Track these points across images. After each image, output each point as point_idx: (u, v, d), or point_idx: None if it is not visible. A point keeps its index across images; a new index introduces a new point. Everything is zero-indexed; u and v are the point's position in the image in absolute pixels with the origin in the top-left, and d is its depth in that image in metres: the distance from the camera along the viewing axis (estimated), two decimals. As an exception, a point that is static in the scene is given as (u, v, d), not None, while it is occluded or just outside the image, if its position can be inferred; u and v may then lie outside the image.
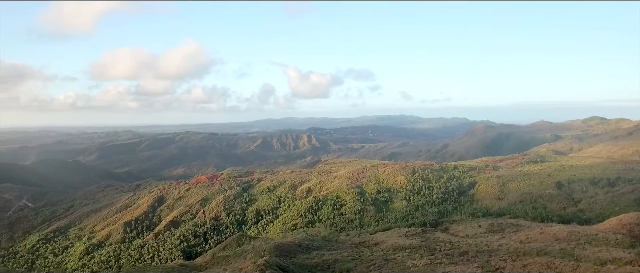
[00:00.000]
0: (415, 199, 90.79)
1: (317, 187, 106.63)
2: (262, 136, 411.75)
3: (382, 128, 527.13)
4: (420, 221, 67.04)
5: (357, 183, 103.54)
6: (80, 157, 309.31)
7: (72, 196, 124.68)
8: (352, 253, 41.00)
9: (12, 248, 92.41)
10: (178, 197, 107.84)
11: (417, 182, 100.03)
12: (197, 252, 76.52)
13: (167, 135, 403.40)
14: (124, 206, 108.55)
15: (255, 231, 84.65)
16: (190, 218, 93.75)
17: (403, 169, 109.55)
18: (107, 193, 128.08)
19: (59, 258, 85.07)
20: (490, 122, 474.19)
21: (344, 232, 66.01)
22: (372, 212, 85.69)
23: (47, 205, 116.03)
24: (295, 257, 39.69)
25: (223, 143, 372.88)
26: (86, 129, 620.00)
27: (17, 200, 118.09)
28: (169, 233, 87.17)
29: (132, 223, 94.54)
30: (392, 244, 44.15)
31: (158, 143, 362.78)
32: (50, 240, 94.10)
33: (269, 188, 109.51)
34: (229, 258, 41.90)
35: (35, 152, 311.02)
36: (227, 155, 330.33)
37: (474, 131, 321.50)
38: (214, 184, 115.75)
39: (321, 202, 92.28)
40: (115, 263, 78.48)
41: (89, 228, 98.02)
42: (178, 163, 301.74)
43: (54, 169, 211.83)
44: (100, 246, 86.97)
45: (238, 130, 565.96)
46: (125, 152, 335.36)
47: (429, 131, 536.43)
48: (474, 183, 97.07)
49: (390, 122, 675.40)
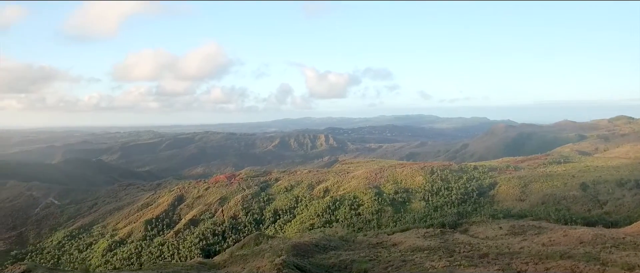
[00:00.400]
0: (433, 200, 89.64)
1: (334, 187, 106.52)
2: (279, 136, 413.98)
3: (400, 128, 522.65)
4: (439, 222, 66.16)
5: (375, 183, 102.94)
6: (104, 156, 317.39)
7: (95, 194, 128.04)
8: (370, 253, 40.75)
9: (39, 244, 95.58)
10: (197, 196, 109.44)
11: (436, 182, 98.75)
12: (216, 250, 77.50)
13: (186, 135, 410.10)
14: (145, 205, 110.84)
15: (273, 231, 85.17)
16: (209, 217, 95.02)
17: (421, 170, 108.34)
18: (129, 191, 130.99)
19: (84, 255, 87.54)
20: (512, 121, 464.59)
21: (362, 232, 65.73)
22: (390, 213, 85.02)
23: (72, 203, 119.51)
24: (313, 257, 39.70)
25: (241, 142, 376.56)
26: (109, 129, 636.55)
27: (44, 198, 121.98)
28: (189, 232, 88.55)
29: (153, 221, 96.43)
30: (410, 245, 43.69)
31: (178, 143, 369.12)
32: (75, 236, 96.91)
33: (287, 188, 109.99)
34: (246, 257, 42.24)
35: (61, 151, 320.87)
36: (245, 155, 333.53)
37: (494, 131, 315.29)
38: (232, 183, 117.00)
39: (338, 202, 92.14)
40: (136, 260, 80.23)
41: (111, 226, 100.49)
42: (197, 162, 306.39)
43: (78, 168, 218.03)
44: (122, 243, 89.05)
45: (256, 130, 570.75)
46: (146, 152, 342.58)
47: (447, 131, 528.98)
48: (495, 184, 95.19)
49: (408, 122, 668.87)
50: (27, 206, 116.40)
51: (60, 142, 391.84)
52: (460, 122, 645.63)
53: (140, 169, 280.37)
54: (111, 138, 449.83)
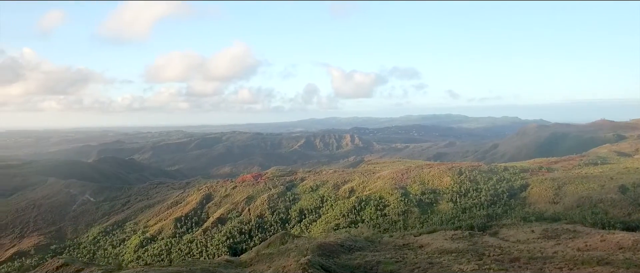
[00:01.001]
0: (462, 201, 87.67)
1: (360, 187, 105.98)
2: (305, 135, 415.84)
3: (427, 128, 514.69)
4: (467, 225, 64.63)
5: (401, 183, 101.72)
6: (136, 155, 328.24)
7: (128, 192, 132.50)
8: (396, 255, 40.28)
9: (76, 239, 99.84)
10: (224, 195, 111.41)
11: (464, 183, 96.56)
12: (243, 248, 78.65)
13: (214, 135, 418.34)
14: (174, 203, 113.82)
15: (298, 230, 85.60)
16: (236, 216, 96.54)
17: (449, 170, 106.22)
18: (159, 189, 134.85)
19: (117, 250, 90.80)
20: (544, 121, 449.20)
21: (387, 233, 65.06)
22: (417, 214, 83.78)
23: (107, 200, 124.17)
24: (338, 257, 39.62)
25: (267, 142, 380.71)
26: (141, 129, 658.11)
27: (81, 195, 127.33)
28: (216, 230, 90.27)
29: (182, 219, 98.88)
30: (438, 247, 42.89)
31: (206, 143, 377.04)
32: (109, 232, 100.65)
33: (312, 188, 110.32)
34: (272, 256, 42.63)
35: (96, 150, 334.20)
36: (271, 154, 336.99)
37: (526, 131, 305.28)
38: (258, 183, 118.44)
39: (364, 202, 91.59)
40: (166, 256, 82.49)
41: (143, 223, 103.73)
42: (225, 161, 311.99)
43: (112, 167, 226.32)
44: (153, 240, 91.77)
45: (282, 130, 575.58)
46: (176, 151, 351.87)
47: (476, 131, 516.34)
48: (526, 186, 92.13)
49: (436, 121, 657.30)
50: (65, 202, 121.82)
51: (96, 141, 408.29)
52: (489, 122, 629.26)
53: (170, 168, 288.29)
54: (143, 137, 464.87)
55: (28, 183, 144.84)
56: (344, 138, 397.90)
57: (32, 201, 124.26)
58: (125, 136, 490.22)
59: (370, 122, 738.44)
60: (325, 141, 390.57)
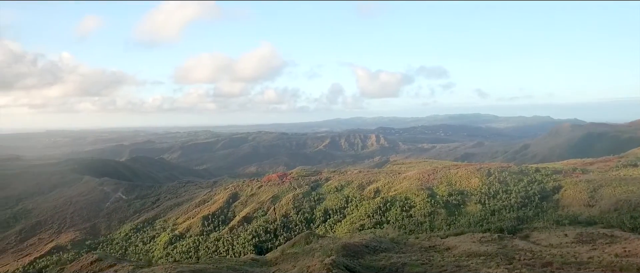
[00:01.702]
0: (490, 203, 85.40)
1: (385, 188, 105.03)
2: (330, 135, 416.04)
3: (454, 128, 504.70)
4: (496, 227, 62.88)
5: (428, 184, 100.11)
6: (165, 155, 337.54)
7: (158, 190, 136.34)
8: (422, 257, 39.65)
9: (109, 235, 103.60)
10: (251, 194, 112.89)
11: (493, 185, 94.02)
12: (268, 247, 79.45)
13: (241, 135, 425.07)
14: (202, 201, 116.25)
15: (323, 230, 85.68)
16: (261, 215, 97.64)
17: (477, 171, 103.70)
18: (187, 188, 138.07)
19: (147, 247, 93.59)
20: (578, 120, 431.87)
21: (413, 235, 64.19)
22: (443, 215, 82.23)
23: (138, 198, 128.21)
24: (363, 258, 39.38)
25: (293, 142, 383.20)
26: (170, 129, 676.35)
27: (114, 192, 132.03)
28: (242, 228, 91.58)
29: (209, 218, 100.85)
30: (465, 250, 41.93)
31: (233, 142, 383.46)
32: (140, 229, 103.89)
33: (337, 188, 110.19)
34: (297, 256, 42.83)
35: (128, 150, 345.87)
36: (296, 154, 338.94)
37: (558, 131, 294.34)
38: (284, 182, 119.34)
39: (389, 203, 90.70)
40: (194, 253, 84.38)
41: (172, 221, 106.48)
42: (251, 161, 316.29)
43: (143, 166, 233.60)
44: (181, 237, 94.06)
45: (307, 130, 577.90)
46: (203, 150, 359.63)
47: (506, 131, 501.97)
48: (559, 188, 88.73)
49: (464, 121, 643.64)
50: (99, 200, 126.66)
51: (128, 141, 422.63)
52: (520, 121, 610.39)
53: (198, 167, 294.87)
54: (172, 137, 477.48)
55: (65, 180, 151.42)
56: (369, 138, 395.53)
57: (69, 198, 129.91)
58: (156, 136, 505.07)
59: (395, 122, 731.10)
60: (350, 141, 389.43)
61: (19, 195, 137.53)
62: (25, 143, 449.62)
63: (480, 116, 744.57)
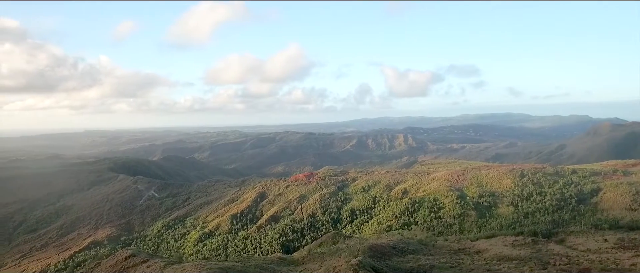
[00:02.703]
0: (524, 205, 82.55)
1: (413, 188, 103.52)
2: (357, 135, 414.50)
3: (485, 127, 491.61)
4: (529, 230, 60.63)
5: (457, 185, 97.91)
6: (196, 154, 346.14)
7: (188, 189, 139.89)
8: (451, 260, 38.79)
9: (143, 232, 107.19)
10: (278, 193, 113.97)
11: (527, 186, 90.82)
12: (295, 246, 79.93)
13: (268, 135, 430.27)
14: (230, 200, 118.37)
15: (350, 231, 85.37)
16: (288, 214, 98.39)
17: (510, 172, 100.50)
18: (217, 187, 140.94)
19: (178, 244, 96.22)
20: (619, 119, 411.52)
21: (442, 237, 62.90)
22: (474, 217, 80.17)
23: (170, 196, 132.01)
24: (390, 259, 38.95)
25: (319, 142, 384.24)
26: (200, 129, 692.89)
27: (147, 191, 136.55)
28: (270, 227, 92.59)
29: (238, 216, 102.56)
30: (497, 253, 40.71)
31: (261, 142, 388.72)
32: (171, 227, 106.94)
33: (364, 188, 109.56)
34: (324, 255, 42.86)
35: (161, 149, 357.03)
36: (323, 154, 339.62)
37: (597, 130, 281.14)
38: (311, 182, 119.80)
39: (417, 204, 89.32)
40: (223, 251, 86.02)
41: (202, 219, 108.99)
42: (278, 161, 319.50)
43: (175, 165, 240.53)
44: (211, 235, 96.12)
45: (334, 130, 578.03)
46: (232, 150, 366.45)
47: (540, 131, 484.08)
48: (598, 190, 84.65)
49: (495, 120, 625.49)
50: (133, 197, 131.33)
51: (160, 141, 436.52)
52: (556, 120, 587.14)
53: (227, 166, 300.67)
54: (202, 137, 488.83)
55: (102, 178, 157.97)
56: (397, 137, 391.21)
57: (105, 195, 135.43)
58: (187, 135, 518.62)
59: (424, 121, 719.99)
60: (377, 141, 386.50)
61: (60, 192, 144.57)
62: (66, 143, 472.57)
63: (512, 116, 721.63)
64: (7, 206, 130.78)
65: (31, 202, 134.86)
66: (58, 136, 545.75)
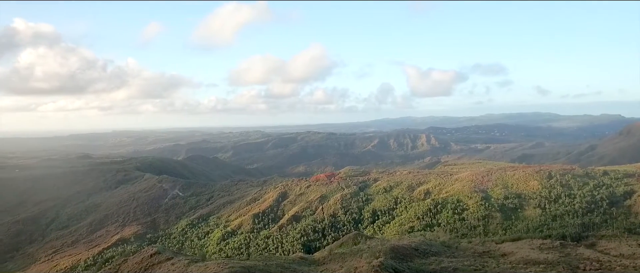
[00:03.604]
0: (551, 207, 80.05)
1: (436, 189, 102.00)
2: (378, 135, 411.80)
3: (511, 127, 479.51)
4: (558, 234, 58.92)
5: (482, 186, 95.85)
6: (219, 154, 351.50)
7: (212, 188, 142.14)
8: (475, 262, 37.99)
9: (167, 230, 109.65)
10: (299, 193, 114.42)
11: (555, 188, 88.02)
12: (316, 246, 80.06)
13: (290, 135, 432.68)
14: (252, 200, 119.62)
15: (371, 231, 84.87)
16: (310, 214, 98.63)
17: (536, 173, 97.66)
18: (239, 186, 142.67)
19: (202, 242, 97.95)
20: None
21: (466, 239, 61.72)
22: (499, 219, 78.33)
23: (193, 195, 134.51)
24: (412, 261, 38.47)
25: (341, 142, 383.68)
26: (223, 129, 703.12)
27: (172, 189, 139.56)
28: (291, 227, 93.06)
29: (260, 215, 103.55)
30: (523, 257, 39.61)
31: (282, 142, 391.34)
32: (195, 225, 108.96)
33: (386, 188, 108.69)
34: (345, 256, 42.74)
35: (185, 149, 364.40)
36: (344, 154, 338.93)
37: (631, 130, 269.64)
38: (332, 182, 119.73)
39: (440, 205, 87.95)
40: (245, 250, 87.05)
41: (224, 218, 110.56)
42: (299, 161, 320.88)
43: (198, 164, 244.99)
44: (233, 234, 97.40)
45: (355, 130, 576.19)
46: (254, 150, 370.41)
47: (569, 131, 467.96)
48: (632, 193, 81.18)
49: (521, 120, 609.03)
50: (158, 196, 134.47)
51: (184, 141, 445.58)
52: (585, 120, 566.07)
53: (249, 166, 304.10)
54: (225, 137, 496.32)
55: (129, 177, 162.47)
56: (419, 138, 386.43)
57: (132, 194, 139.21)
58: (210, 136, 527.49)
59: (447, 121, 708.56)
60: (399, 142, 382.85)
61: (90, 190, 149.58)
62: (95, 143, 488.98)
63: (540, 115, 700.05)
64: (41, 204, 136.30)
65: (63, 200, 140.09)
66: (87, 136, 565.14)
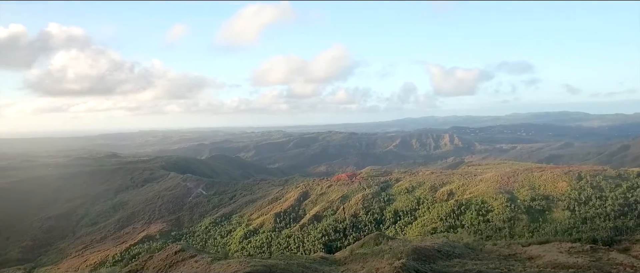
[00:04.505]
0: (581, 210, 77.32)
1: (459, 190, 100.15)
2: (400, 135, 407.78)
3: (538, 127, 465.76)
4: (588, 237, 56.35)
5: (507, 187, 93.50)
6: (241, 154, 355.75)
7: (234, 187, 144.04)
8: (500, 265, 37.00)
9: (191, 228, 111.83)
10: (320, 193, 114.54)
11: (585, 190, 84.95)
12: (337, 246, 79.97)
13: (311, 135, 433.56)
14: (274, 199, 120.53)
15: (393, 232, 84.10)
16: (331, 214, 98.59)
17: (565, 175, 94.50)
18: (261, 186, 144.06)
19: (224, 240, 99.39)
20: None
21: (491, 241, 60.23)
22: (525, 221, 76.24)
23: (216, 194, 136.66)
24: (434, 263, 37.82)
25: (362, 142, 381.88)
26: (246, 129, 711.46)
27: (196, 188, 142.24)
28: (312, 227, 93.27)
29: (281, 215, 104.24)
30: (551, 261, 38.30)
31: (303, 142, 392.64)
32: (218, 223, 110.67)
33: (408, 189, 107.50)
34: (366, 256, 42.42)
35: (208, 149, 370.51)
36: (365, 154, 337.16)
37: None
38: (353, 182, 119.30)
39: (464, 206, 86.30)
40: (267, 249, 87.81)
41: (247, 216, 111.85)
42: (321, 160, 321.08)
43: (221, 164, 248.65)
44: (255, 233, 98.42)
45: (377, 130, 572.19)
46: (276, 150, 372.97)
47: (600, 130, 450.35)
48: (668, 195, 77.51)
49: (549, 120, 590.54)
50: (182, 194, 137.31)
51: (208, 141, 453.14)
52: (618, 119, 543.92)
53: (271, 166, 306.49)
54: (247, 137, 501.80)
55: (155, 176, 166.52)
56: (442, 137, 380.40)
57: (157, 192, 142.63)
58: (232, 135, 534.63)
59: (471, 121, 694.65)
60: (421, 141, 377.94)
61: (117, 188, 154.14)
62: (122, 142, 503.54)
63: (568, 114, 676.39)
64: (72, 201, 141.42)
65: (92, 197, 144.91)
66: (115, 136, 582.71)
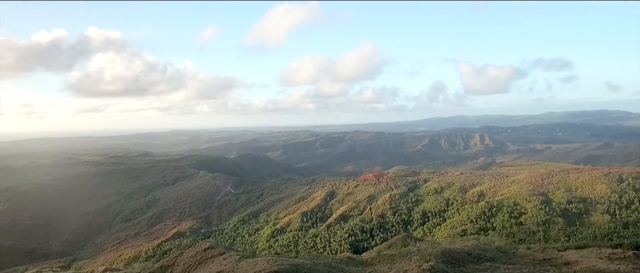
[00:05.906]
0: (623, 214, 73.43)
1: (490, 191, 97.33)
2: (429, 135, 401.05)
3: (575, 126, 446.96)
4: (630, 243, 53.61)
5: (541, 189, 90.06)
6: (269, 153, 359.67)
7: (262, 186, 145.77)
8: (534, 270, 35.60)
9: (220, 226, 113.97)
10: (347, 193, 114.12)
11: (627, 193, 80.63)
12: (364, 246, 79.42)
13: (338, 134, 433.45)
14: (301, 198, 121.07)
15: (421, 233, 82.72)
16: (357, 214, 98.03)
17: (605, 176, 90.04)
18: (288, 185, 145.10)
19: (252, 238, 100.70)
20: None
21: (524, 245, 58.16)
22: (561, 225, 73.16)
23: (245, 193, 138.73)
24: (465, 267, 36.82)
25: (389, 141, 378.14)
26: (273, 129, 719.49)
27: (224, 186, 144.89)
28: (339, 226, 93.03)
29: (308, 214, 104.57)
30: (589, 266, 36.52)
31: (330, 142, 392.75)
32: (246, 222, 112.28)
33: (436, 190, 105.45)
34: (393, 258, 41.84)
35: (237, 148, 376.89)
36: (393, 154, 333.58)
37: None
38: (380, 182, 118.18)
39: (495, 208, 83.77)
40: (294, 248, 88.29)
41: (274, 215, 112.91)
42: (347, 160, 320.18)
43: (249, 163, 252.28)
44: (282, 231, 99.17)
45: (404, 129, 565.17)
46: (303, 149, 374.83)
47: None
48: None
49: (587, 119, 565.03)
50: (212, 193, 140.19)
51: (236, 140, 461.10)
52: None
53: (298, 165, 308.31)
54: (275, 136, 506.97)
55: (185, 174, 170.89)
56: (472, 137, 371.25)
57: (187, 190, 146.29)
58: (260, 135, 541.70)
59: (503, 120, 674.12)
60: (451, 141, 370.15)
61: (150, 186, 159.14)
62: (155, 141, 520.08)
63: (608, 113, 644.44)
64: (108, 197, 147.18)
65: (126, 194, 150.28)
66: (148, 135, 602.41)
